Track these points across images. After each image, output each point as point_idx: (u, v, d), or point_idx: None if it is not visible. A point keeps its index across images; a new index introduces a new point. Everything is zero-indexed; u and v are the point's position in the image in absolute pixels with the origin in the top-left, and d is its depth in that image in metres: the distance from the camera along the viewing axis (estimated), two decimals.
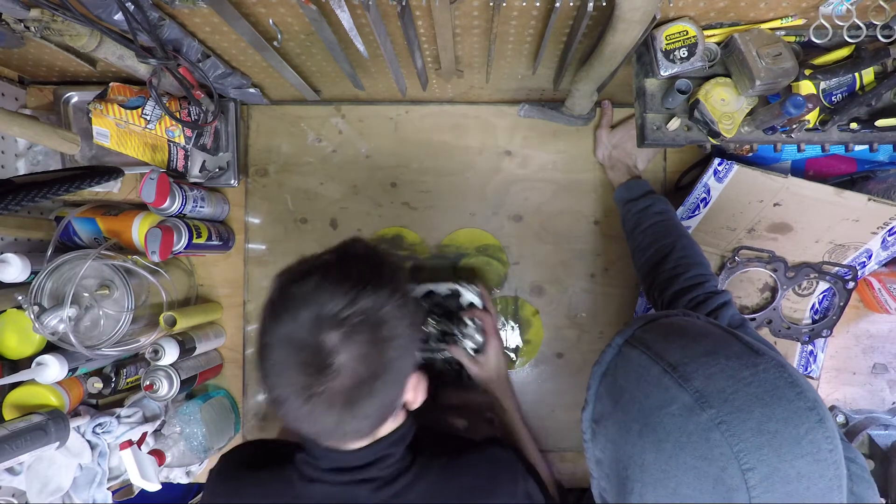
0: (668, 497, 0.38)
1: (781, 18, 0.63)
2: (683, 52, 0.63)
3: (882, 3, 0.59)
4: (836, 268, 0.85)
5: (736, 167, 0.76)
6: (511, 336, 0.94)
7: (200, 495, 0.78)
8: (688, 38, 0.63)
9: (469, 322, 0.82)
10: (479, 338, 0.82)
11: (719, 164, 0.77)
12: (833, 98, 0.65)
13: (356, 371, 0.48)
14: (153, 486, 0.80)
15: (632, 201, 0.81)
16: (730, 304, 0.65)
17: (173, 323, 0.80)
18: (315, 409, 0.48)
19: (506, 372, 0.83)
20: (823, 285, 0.87)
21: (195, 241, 0.83)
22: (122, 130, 0.80)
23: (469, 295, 0.84)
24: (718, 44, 0.66)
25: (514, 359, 0.94)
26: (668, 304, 0.69)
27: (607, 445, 0.44)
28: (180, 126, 0.79)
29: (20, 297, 0.79)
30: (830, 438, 0.37)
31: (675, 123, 0.67)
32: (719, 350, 0.41)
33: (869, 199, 0.75)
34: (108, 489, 0.82)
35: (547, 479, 0.75)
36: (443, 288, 0.85)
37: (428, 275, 0.91)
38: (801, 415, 0.37)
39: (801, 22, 0.64)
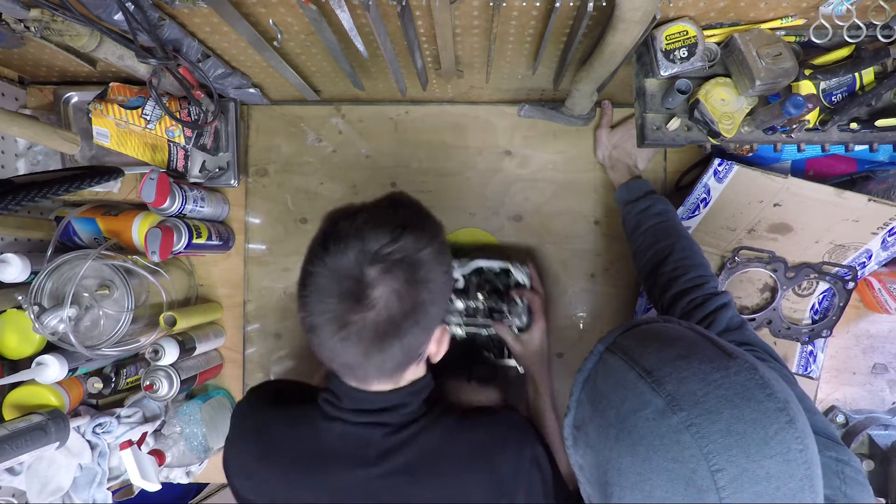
0: (643, 499, 0.39)
1: (781, 18, 0.63)
2: (683, 52, 0.63)
3: (882, 3, 0.59)
4: (836, 268, 0.85)
5: (736, 167, 0.76)
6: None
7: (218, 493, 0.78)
8: (688, 38, 0.63)
9: (518, 301, 0.82)
10: (525, 318, 0.82)
11: (719, 165, 0.77)
12: (833, 98, 0.65)
13: (390, 306, 0.50)
14: (153, 486, 0.81)
15: (632, 202, 0.81)
16: (729, 306, 0.65)
17: (173, 323, 0.80)
18: (347, 339, 0.51)
19: (548, 354, 0.83)
20: (823, 286, 0.87)
21: (195, 241, 0.83)
22: (122, 130, 0.80)
23: (519, 275, 0.84)
24: (718, 44, 0.65)
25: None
26: (668, 305, 0.69)
27: (587, 451, 0.45)
28: (180, 126, 0.79)
29: (20, 297, 0.79)
30: (800, 439, 0.38)
31: (675, 123, 0.67)
32: (692, 354, 0.42)
33: (869, 200, 0.75)
34: (108, 489, 0.82)
35: (564, 469, 0.75)
36: (494, 265, 0.85)
37: (479, 252, 0.91)
38: (771, 416, 0.38)
39: (801, 22, 0.64)
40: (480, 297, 0.84)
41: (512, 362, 0.85)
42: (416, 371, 0.60)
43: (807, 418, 0.48)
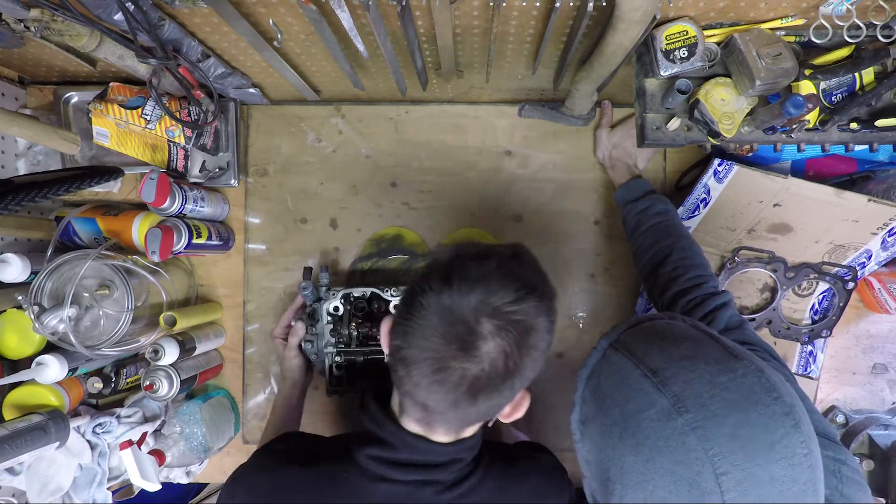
0: (645, 499, 0.39)
1: (781, 18, 0.63)
2: (683, 52, 0.63)
3: (882, 3, 0.59)
4: (836, 268, 0.85)
5: (736, 167, 0.76)
6: None
7: (218, 493, 0.76)
8: (688, 38, 0.63)
9: None
10: None
11: (719, 165, 0.77)
12: (833, 98, 0.65)
13: (495, 364, 0.48)
14: (153, 486, 0.80)
15: (632, 202, 0.81)
16: (728, 305, 0.65)
17: (173, 323, 0.80)
18: (443, 383, 0.48)
19: None
20: (823, 286, 0.87)
21: (195, 241, 0.83)
22: (122, 130, 0.80)
23: (391, 299, 0.83)
24: (718, 44, 0.66)
25: None
26: (668, 305, 0.69)
27: (592, 447, 0.45)
28: (180, 126, 0.79)
29: (20, 297, 0.79)
30: (805, 443, 0.38)
31: (675, 123, 0.67)
32: (699, 355, 0.42)
33: (869, 200, 0.75)
34: (108, 489, 0.82)
35: None
36: (364, 291, 0.83)
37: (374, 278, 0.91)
38: (777, 420, 0.38)
39: (801, 22, 0.64)
40: (353, 325, 0.82)
41: None
42: (479, 425, 0.58)
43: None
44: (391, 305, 0.83)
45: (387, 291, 0.82)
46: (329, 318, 0.82)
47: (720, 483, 0.36)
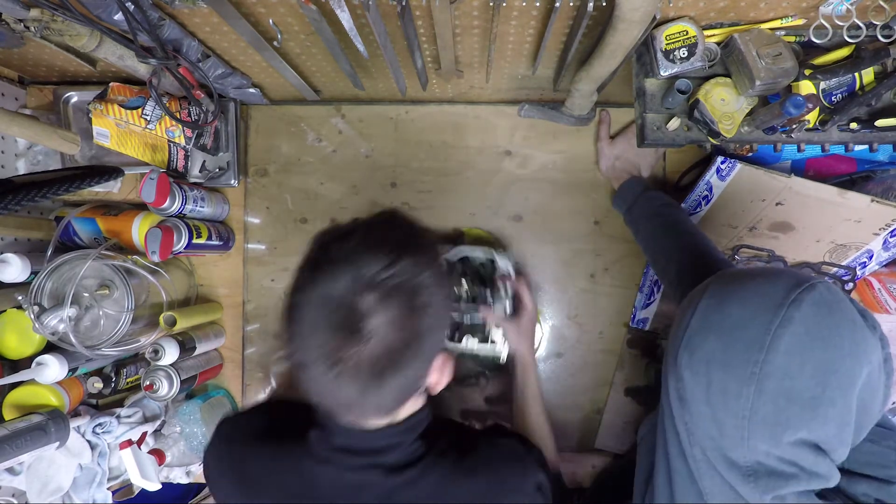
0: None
1: (781, 18, 0.63)
2: (683, 52, 0.63)
3: (882, 3, 0.59)
4: (835, 268, 0.85)
5: (739, 165, 0.76)
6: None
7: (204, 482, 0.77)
8: (688, 38, 0.63)
9: (502, 289, 0.83)
10: (509, 306, 0.82)
11: (722, 163, 0.77)
12: (833, 98, 0.65)
13: (387, 337, 0.46)
14: (153, 486, 0.81)
15: (627, 208, 0.82)
16: None
17: (173, 323, 0.80)
18: (341, 376, 0.46)
19: (534, 338, 0.83)
20: None
21: (195, 241, 0.83)
22: (122, 130, 0.80)
23: (504, 263, 0.84)
24: (718, 44, 0.65)
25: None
26: (683, 296, 0.68)
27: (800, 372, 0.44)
28: (180, 126, 0.79)
29: (20, 297, 0.79)
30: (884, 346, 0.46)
31: (675, 123, 0.67)
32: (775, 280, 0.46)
33: (872, 201, 0.75)
34: (108, 489, 0.82)
35: (551, 459, 0.75)
36: (479, 254, 0.85)
37: (466, 241, 0.91)
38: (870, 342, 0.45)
39: (801, 22, 0.64)
40: (464, 283, 0.83)
41: (495, 351, 0.84)
42: (414, 404, 0.57)
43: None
44: (497, 272, 0.84)
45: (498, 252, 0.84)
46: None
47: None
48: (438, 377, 0.55)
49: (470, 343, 0.84)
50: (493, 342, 0.84)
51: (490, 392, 0.93)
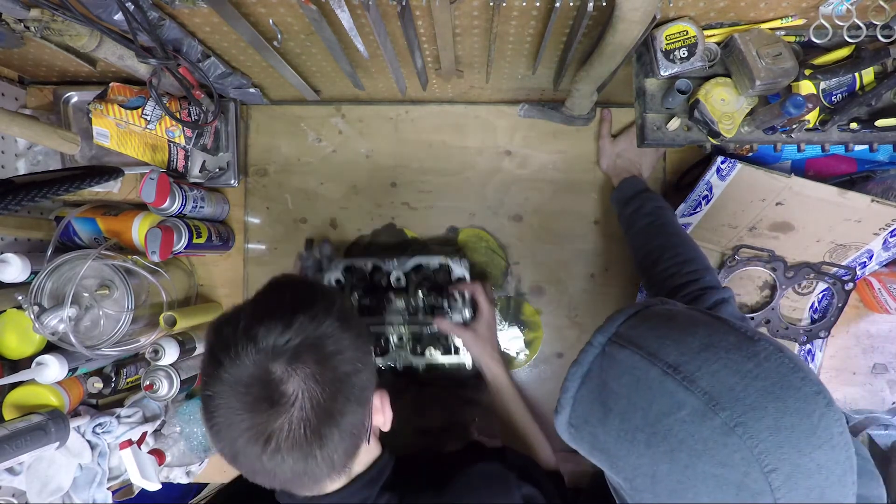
0: None
1: (781, 18, 0.63)
2: (683, 52, 0.63)
3: (882, 3, 0.59)
4: (835, 268, 0.85)
5: (739, 165, 0.76)
6: (512, 336, 0.94)
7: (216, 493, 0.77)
8: (688, 38, 0.63)
9: (458, 296, 0.82)
10: (467, 312, 0.82)
11: (722, 163, 0.77)
12: (833, 98, 0.65)
13: (312, 395, 0.45)
14: (153, 486, 0.81)
15: (623, 204, 0.81)
16: (729, 302, 0.64)
17: (173, 323, 0.80)
18: (278, 451, 0.45)
19: (496, 341, 0.81)
20: (823, 285, 0.87)
21: (195, 241, 0.83)
22: (122, 130, 0.80)
23: (458, 269, 0.84)
24: (718, 44, 0.65)
25: (514, 356, 0.94)
26: (660, 296, 0.68)
27: (602, 457, 0.42)
28: (180, 126, 0.79)
29: (20, 297, 0.79)
30: (839, 420, 0.36)
31: (675, 123, 0.67)
32: (715, 342, 0.38)
33: (872, 201, 0.75)
34: (108, 489, 0.82)
35: (545, 459, 0.74)
36: (433, 261, 0.85)
37: (419, 249, 0.91)
38: (811, 401, 0.36)
39: (801, 22, 0.64)
40: (420, 294, 0.83)
41: (459, 360, 0.84)
42: (369, 452, 0.56)
43: None
44: (392, 277, 0.83)
45: (388, 263, 0.83)
46: None
47: (770, 481, 0.34)
48: (382, 417, 0.55)
49: (433, 354, 0.84)
50: (456, 351, 0.84)
51: (472, 395, 0.92)
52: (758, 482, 0.34)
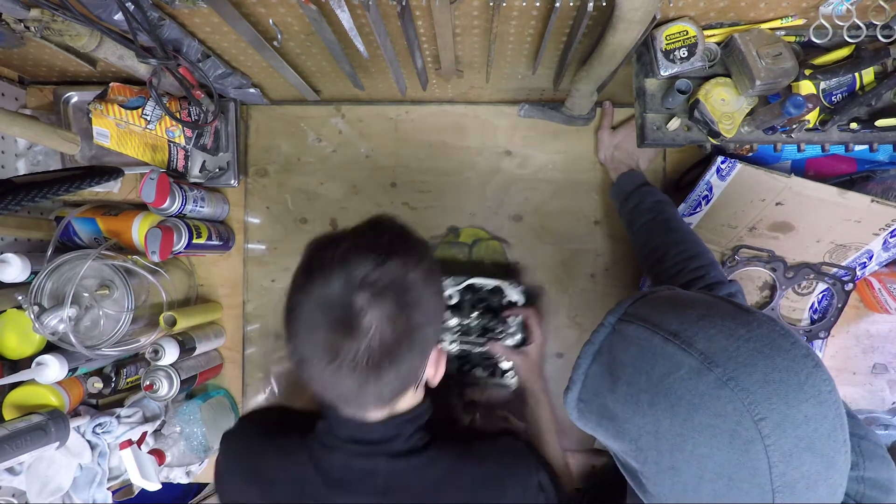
0: (686, 459, 0.39)
1: (781, 18, 0.63)
2: (683, 52, 0.63)
3: (882, 3, 0.59)
4: (835, 269, 0.85)
5: (739, 165, 0.76)
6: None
7: (212, 479, 0.78)
8: (688, 38, 0.63)
9: (509, 321, 0.83)
10: (518, 336, 0.82)
11: (722, 162, 0.77)
12: (833, 98, 0.65)
13: (383, 332, 0.49)
14: (153, 486, 0.81)
15: (623, 199, 0.81)
16: (735, 297, 0.64)
17: (173, 323, 0.80)
18: (340, 369, 0.49)
19: (543, 370, 0.83)
20: (822, 285, 0.87)
21: (195, 241, 0.83)
22: (122, 130, 0.80)
23: (512, 293, 0.85)
24: (718, 44, 0.65)
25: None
26: None
27: (602, 422, 0.45)
28: (180, 126, 0.79)
29: (20, 297, 0.79)
30: (828, 381, 0.39)
31: (675, 123, 0.67)
32: (713, 313, 0.42)
33: (872, 201, 0.75)
34: (108, 489, 0.82)
35: (563, 474, 0.75)
36: (487, 283, 0.85)
37: (471, 268, 0.91)
38: (800, 361, 0.39)
39: (801, 22, 0.64)
40: (474, 314, 0.84)
41: (504, 381, 0.84)
42: (413, 397, 0.59)
43: None
44: (445, 294, 0.84)
45: (445, 278, 0.84)
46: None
47: (760, 429, 0.37)
48: (434, 370, 0.59)
49: (479, 375, 0.84)
50: (503, 374, 0.84)
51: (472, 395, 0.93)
52: (749, 430, 0.37)
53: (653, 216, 0.76)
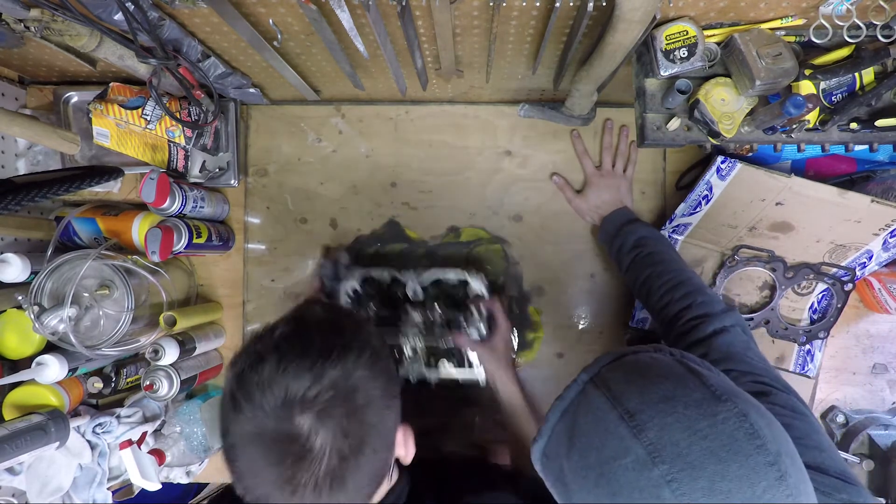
0: None
1: (781, 18, 0.63)
2: (683, 52, 0.63)
3: (882, 3, 0.59)
4: (835, 269, 0.85)
5: (739, 165, 0.76)
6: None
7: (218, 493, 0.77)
8: (688, 38, 0.63)
9: (475, 312, 0.83)
10: (483, 328, 0.82)
11: (722, 162, 0.77)
12: (833, 98, 0.65)
13: (339, 448, 0.45)
14: (153, 486, 0.81)
15: (609, 243, 0.83)
16: (726, 331, 0.62)
17: (173, 323, 0.80)
18: (304, 497, 0.45)
19: (511, 358, 0.82)
20: (822, 285, 0.87)
21: (195, 241, 0.83)
22: (122, 130, 0.80)
23: (477, 285, 0.84)
24: (718, 44, 0.65)
25: (514, 356, 0.94)
26: (666, 332, 0.69)
27: (559, 485, 0.43)
28: (180, 126, 0.79)
29: (20, 297, 0.79)
30: (792, 495, 0.36)
31: (675, 123, 0.67)
32: (678, 396, 0.39)
33: (872, 201, 0.75)
34: (108, 489, 0.82)
35: None
36: (451, 276, 0.85)
37: (438, 262, 0.91)
38: (759, 471, 0.36)
39: (801, 22, 0.64)
40: (437, 308, 0.83)
41: (473, 374, 0.84)
42: (388, 483, 0.55)
43: (814, 457, 0.46)
44: (409, 290, 0.84)
45: (406, 275, 0.84)
46: (347, 300, 0.83)
47: None
48: (405, 450, 0.54)
49: (447, 368, 0.84)
50: (469, 365, 0.84)
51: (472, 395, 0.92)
52: None
53: (636, 253, 0.76)
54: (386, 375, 0.50)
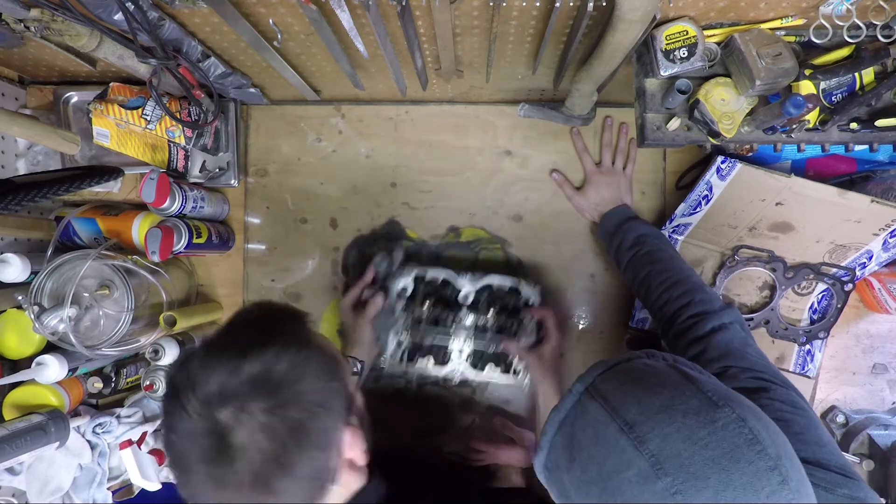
0: None
1: (781, 18, 0.63)
2: (683, 52, 0.63)
3: (882, 3, 0.59)
4: (835, 269, 0.85)
5: (739, 165, 0.76)
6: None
7: None
8: (688, 38, 0.63)
9: (526, 318, 0.83)
10: (533, 337, 0.82)
11: (722, 162, 0.77)
12: (833, 98, 0.65)
13: (260, 446, 0.43)
14: (153, 486, 0.81)
15: (608, 241, 0.83)
16: (724, 328, 0.62)
17: (173, 323, 0.80)
18: (231, 498, 0.44)
19: (559, 369, 0.81)
20: (822, 285, 0.87)
21: (195, 241, 0.83)
22: (122, 130, 0.80)
23: (528, 292, 0.85)
24: (718, 44, 0.65)
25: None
26: (665, 331, 0.69)
27: (560, 497, 0.43)
28: (180, 126, 0.79)
29: (20, 297, 0.79)
30: (795, 498, 0.36)
31: (675, 123, 0.67)
32: (676, 404, 0.39)
33: (872, 201, 0.75)
34: (108, 489, 0.82)
35: None
36: (504, 282, 0.85)
37: (488, 268, 0.91)
38: (762, 477, 0.36)
39: (801, 22, 0.64)
40: (490, 313, 0.84)
41: (517, 382, 0.84)
42: (346, 486, 0.51)
43: (814, 452, 0.46)
44: (462, 293, 0.84)
45: (461, 278, 0.84)
46: (396, 297, 0.84)
47: None
48: (355, 451, 0.50)
49: (492, 373, 0.84)
50: (515, 373, 0.84)
51: (472, 396, 0.93)
52: None
53: (635, 251, 0.76)
54: (321, 368, 0.48)
